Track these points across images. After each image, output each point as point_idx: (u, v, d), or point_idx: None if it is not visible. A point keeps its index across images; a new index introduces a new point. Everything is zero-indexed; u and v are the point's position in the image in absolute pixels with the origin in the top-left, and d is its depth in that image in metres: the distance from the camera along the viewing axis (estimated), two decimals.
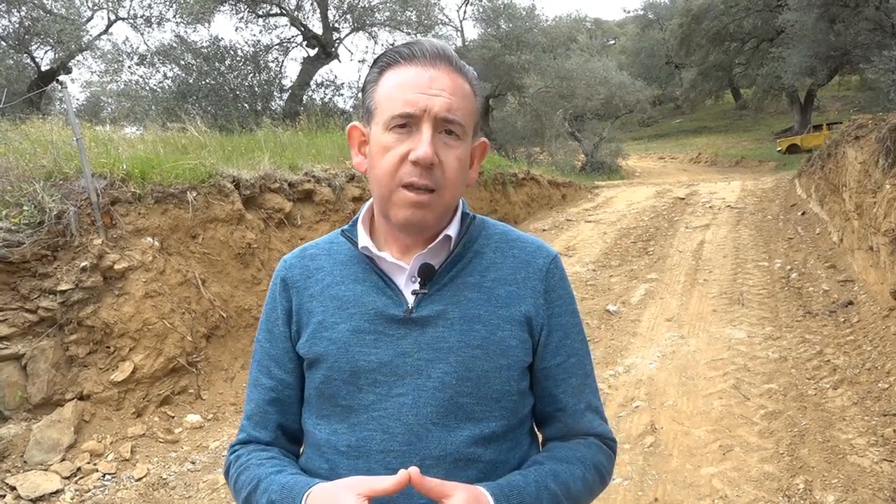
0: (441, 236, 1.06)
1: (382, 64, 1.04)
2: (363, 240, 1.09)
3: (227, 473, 1.14)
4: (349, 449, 1.03)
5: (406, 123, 0.99)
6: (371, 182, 1.06)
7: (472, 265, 1.09)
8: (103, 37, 15.44)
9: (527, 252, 1.13)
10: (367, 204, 1.14)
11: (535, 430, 1.20)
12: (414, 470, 0.87)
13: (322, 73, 16.51)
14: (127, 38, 23.36)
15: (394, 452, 1.01)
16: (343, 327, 1.06)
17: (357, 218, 1.14)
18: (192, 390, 4.31)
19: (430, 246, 1.06)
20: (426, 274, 1.06)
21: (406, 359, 1.03)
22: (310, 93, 16.15)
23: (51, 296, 3.73)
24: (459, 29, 22.22)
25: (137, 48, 15.18)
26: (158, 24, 14.90)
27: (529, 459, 1.11)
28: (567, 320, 1.13)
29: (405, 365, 1.03)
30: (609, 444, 1.16)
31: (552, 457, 1.08)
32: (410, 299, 1.06)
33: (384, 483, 0.88)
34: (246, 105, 14.52)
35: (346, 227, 1.16)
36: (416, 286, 1.06)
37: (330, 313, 1.08)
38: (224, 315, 4.75)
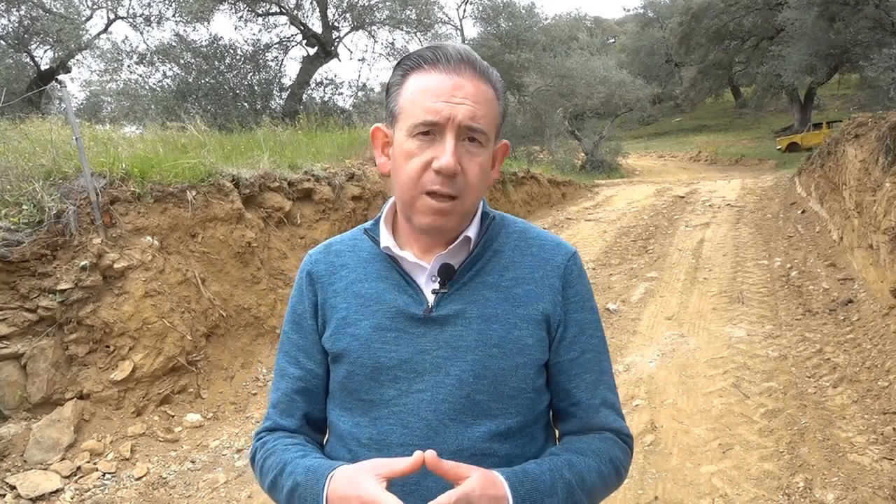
0: (461, 237, 1.09)
1: (406, 67, 1.05)
2: (385, 239, 1.12)
3: (252, 460, 1.18)
4: (370, 441, 1.07)
5: (429, 131, 1.00)
6: (394, 185, 1.08)
7: (490, 264, 1.12)
8: (102, 36, 15.44)
9: (545, 250, 1.15)
10: (390, 202, 1.17)
11: (551, 425, 1.21)
12: (430, 453, 0.90)
13: (322, 72, 16.50)
14: (126, 37, 23.38)
15: (413, 446, 1.04)
16: (365, 324, 1.09)
17: (380, 216, 1.17)
18: (191, 389, 4.31)
19: (450, 247, 1.08)
20: (446, 274, 1.08)
21: (425, 356, 1.06)
22: (309, 92, 16.13)
23: (50, 295, 3.73)
24: (459, 27, 22.20)
25: (137, 47, 15.17)
26: (158, 23, 14.87)
27: (546, 452, 1.13)
28: (583, 316, 1.14)
29: (424, 362, 1.06)
30: (625, 439, 1.17)
31: (568, 448, 1.10)
32: (430, 298, 1.08)
33: (401, 465, 0.92)
34: (245, 104, 14.51)
35: (368, 225, 1.19)
36: (436, 285, 1.09)
37: (353, 310, 1.11)
38: (224, 314, 4.75)
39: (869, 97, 19.45)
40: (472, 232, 1.10)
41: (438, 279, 1.08)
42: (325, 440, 1.21)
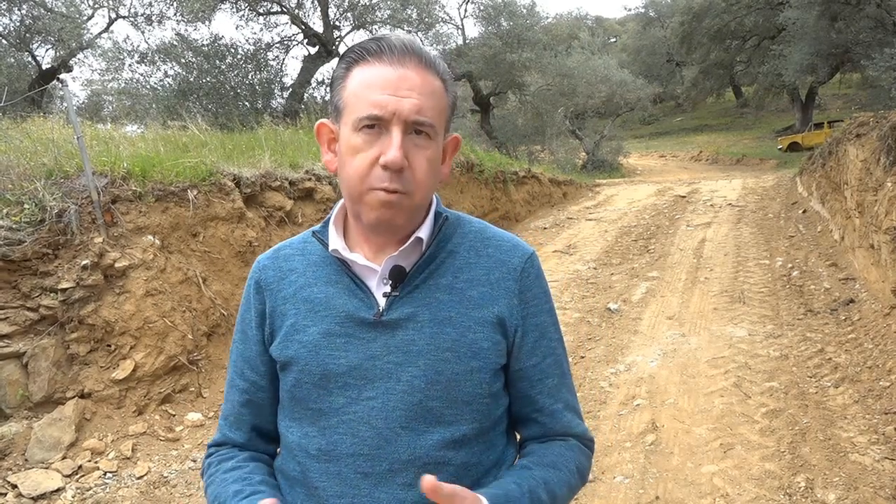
0: (412, 238, 1.05)
1: (350, 60, 1.02)
2: (334, 242, 1.07)
3: (202, 476, 1.16)
4: (319, 452, 1.03)
5: (375, 125, 0.97)
6: (341, 183, 1.04)
7: (444, 266, 1.07)
8: (104, 35, 15.44)
9: (502, 251, 1.11)
10: (340, 203, 1.12)
11: (512, 430, 1.18)
12: (428, 480, 0.85)
13: (323, 72, 16.48)
14: (128, 36, 23.42)
15: (363, 456, 1.01)
16: (314, 330, 1.05)
17: (329, 218, 1.12)
18: (193, 388, 4.31)
19: (401, 248, 1.04)
20: (397, 276, 1.04)
21: (376, 362, 1.02)
22: (311, 91, 16.13)
23: (52, 294, 3.73)
24: (460, 27, 22.22)
25: (138, 46, 15.15)
26: (159, 22, 14.87)
27: (517, 462, 1.10)
28: (542, 320, 1.11)
29: (375, 368, 1.02)
30: (588, 444, 1.16)
31: (540, 462, 1.07)
32: (381, 302, 1.04)
33: None
34: (247, 103, 14.50)
35: (317, 227, 1.14)
36: (388, 288, 1.05)
37: (302, 316, 1.07)
38: (225, 313, 4.75)
39: (870, 97, 19.46)
40: (424, 233, 1.06)
41: (389, 282, 1.04)
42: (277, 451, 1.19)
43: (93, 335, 3.90)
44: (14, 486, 3.24)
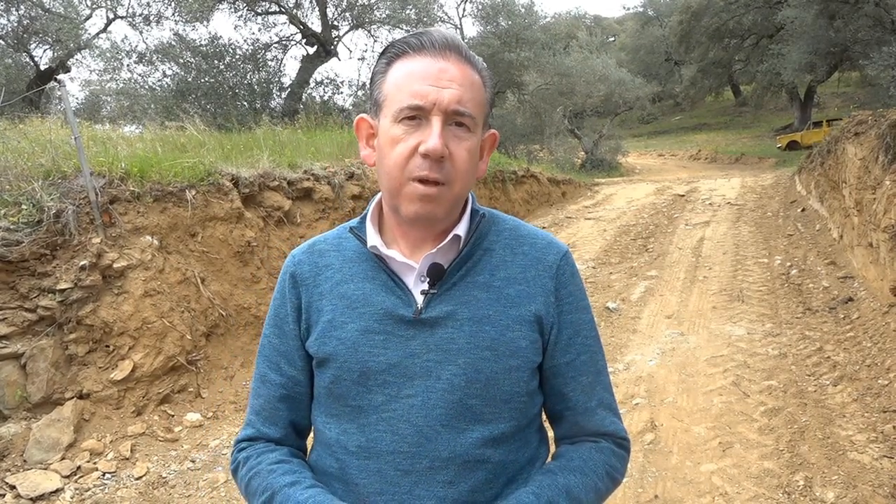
0: (450, 236, 1.05)
1: (391, 55, 1.03)
2: (372, 238, 1.08)
3: (234, 472, 1.15)
4: (359, 449, 1.03)
5: (415, 115, 0.98)
6: (380, 175, 1.04)
7: (481, 263, 1.08)
8: (102, 35, 15.44)
9: (537, 249, 1.12)
10: (376, 198, 1.13)
11: (544, 427, 1.19)
12: None
13: (321, 71, 16.51)
14: (126, 36, 23.42)
15: (403, 454, 1.01)
16: (352, 327, 1.05)
17: (366, 213, 1.13)
18: (191, 389, 4.31)
19: (439, 246, 1.05)
20: (435, 274, 1.04)
21: (415, 360, 1.03)
22: (309, 91, 16.13)
23: (50, 295, 3.73)
24: (459, 26, 22.17)
25: (136, 46, 15.17)
26: (157, 22, 14.88)
27: (542, 468, 1.10)
28: (577, 317, 1.11)
29: (414, 366, 1.02)
30: (622, 443, 1.15)
31: (565, 467, 1.07)
32: (419, 299, 1.05)
33: None
34: (245, 103, 14.49)
35: (354, 222, 1.14)
36: (425, 286, 1.05)
37: (339, 312, 1.07)
38: (223, 313, 4.75)
39: (869, 95, 19.49)
40: (461, 230, 1.07)
41: (427, 279, 1.05)
42: (308, 447, 1.18)
43: (91, 336, 3.90)
44: (13, 487, 3.24)
